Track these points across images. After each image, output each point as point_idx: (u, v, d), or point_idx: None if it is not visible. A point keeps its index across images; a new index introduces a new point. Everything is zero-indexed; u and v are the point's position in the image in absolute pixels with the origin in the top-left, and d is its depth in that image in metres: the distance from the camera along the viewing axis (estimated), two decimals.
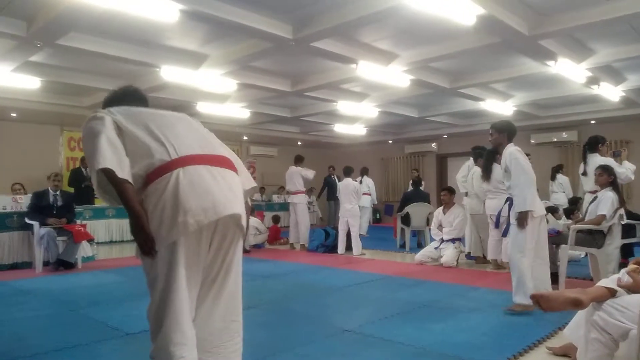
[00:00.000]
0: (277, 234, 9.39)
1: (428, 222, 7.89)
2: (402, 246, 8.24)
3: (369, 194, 10.88)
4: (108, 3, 4.36)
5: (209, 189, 1.72)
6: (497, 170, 5.91)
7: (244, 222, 1.83)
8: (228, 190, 1.78)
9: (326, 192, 10.96)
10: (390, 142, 14.46)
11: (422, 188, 9.20)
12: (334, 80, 7.64)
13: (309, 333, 3.39)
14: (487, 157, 5.94)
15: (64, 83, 7.48)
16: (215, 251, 1.81)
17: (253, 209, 9.09)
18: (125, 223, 8.71)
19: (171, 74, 6.44)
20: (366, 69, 6.51)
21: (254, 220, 8.64)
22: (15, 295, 4.71)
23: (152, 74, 7.08)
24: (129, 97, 2.08)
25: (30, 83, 6.96)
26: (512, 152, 3.86)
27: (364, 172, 10.98)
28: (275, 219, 9.92)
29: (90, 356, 2.88)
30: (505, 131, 3.96)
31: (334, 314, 3.96)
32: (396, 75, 6.99)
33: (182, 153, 1.75)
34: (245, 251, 7.86)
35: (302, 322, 3.66)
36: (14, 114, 9.18)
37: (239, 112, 9.70)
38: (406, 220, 8.12)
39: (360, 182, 10.08)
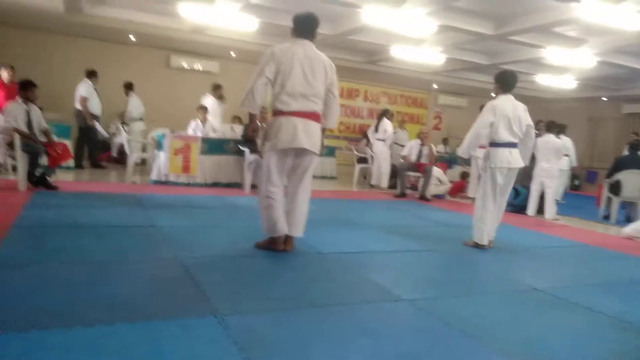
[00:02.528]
0: (461, 187, 9.11)
1: None
2: (606, 217, 7.25)
3: (567, 155, 9.68)
4: None
5: (295, 131, 3.28)
6: None
7: (312, 150, 3.36)
8: (305, 134, 3.30)
9: None
10: (604, 99, 12.51)
11: None
12: (546, 22, 6.81)
13: (490, 283, 3.28)
14: None
15: (275, 25, 8.16)
16: (299, 162, 3.41)
17: (436, 160, 8.92)
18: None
19: (371, 14, 6.48)
20: (590, 8, 5.62)
21: (437, 171, 8.47)
22: (229, 207, 5.60)
23: (353, 15, 7.25)
24: (300, 29, 3.61)
25: (249, 24, 7.72)
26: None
27: (561, 129, 9.74)
28: (464, 175, 9.61)
29: (284, 259, 3.29)
30: (498, 82, 4.20)
31: (521, 271, 3.73)
32: (628, 16, 5.88)
33: (289, 109, 3.31)
34: (426, 199, 7.93)
35: (484, 273, 3.55)
36: (233, 54, 10.44)
37: (434, 57, 9.35)
38: (616, 188, 7.07)
39: None
